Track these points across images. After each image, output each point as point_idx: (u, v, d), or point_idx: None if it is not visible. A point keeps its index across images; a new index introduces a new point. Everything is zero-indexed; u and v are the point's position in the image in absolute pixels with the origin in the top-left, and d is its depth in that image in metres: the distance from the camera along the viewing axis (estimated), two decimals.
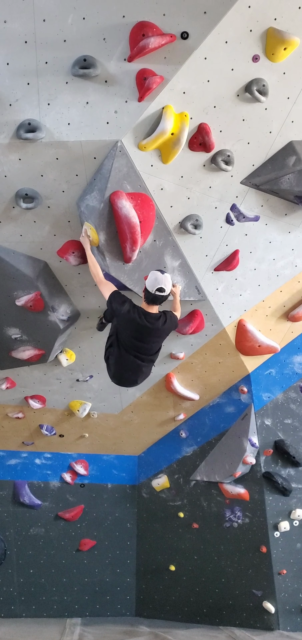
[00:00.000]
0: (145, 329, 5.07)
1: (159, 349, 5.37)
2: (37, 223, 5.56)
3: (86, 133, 4.92)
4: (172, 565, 8.41)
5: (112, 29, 4.58)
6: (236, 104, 5.03)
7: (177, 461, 8.32)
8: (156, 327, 5.11)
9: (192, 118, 5.02)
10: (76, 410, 7.74)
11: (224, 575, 8.04)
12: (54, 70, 4.70)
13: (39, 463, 8.46)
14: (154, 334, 5.15)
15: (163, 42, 4.57)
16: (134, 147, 5.04)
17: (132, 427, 8.15)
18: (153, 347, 5.26)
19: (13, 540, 8.46)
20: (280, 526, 7.60)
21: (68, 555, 8.59)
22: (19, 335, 6.43)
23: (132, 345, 5.14)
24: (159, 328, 5.13)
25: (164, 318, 5.19)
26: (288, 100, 5.07)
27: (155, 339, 5.21)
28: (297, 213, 5.86)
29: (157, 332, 5.14)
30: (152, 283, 4.98)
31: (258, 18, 4.61)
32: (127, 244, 5.32)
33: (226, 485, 7.85)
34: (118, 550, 8.66)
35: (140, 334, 5.10)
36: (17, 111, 4.82)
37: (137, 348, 5.16)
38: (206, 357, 7.18)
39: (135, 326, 5.06)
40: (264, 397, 7.55)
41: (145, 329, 5.07)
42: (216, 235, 5.86)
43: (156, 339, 5.22)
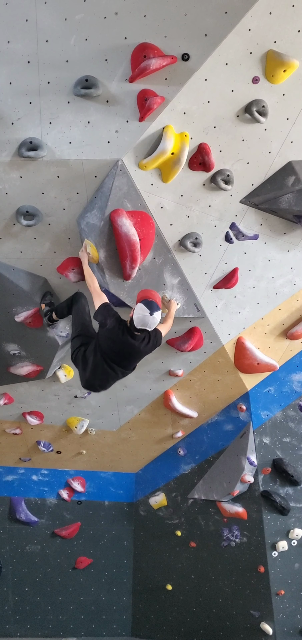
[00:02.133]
0: (127, 346, 5.10)
1: (135, 366, 5.44)
2: (37, 240, 5.59)
3: (87, 152, 4.96)
4: (169, 585, 8.35)
5: (114, 50, 4.64)
6: (236, 125, 5.09)
7: (175, 479, 8.29)
8: (138, 347, 5.14)
9: (193, 138, 5.07)
10: (74, 427, 7.73)
11: (222, 595, 7.98)
12: (56, 90, 4.75)
13: (36, 479, 8.42)
14: (135, 353, 5.19)
15: (164, 63, 4.63)
16: (134, 166, 5.08)
17: (130, 444, 8.13)
18: (131, 363, 5.31)
19: (9, 557, 8.40)
20: (278, 546, 7.56)
21: (64, 574, 8.53)
22: (18, 351, 6.44)
23: (111, 357, 5.16)
24: (140, 349, 5.17)
25: (148, 338, 5.21)
26: (287, 121, 5.13)
27: (135, 357, 5.25)
28: (296, 232, 5.91)
29: (138, 352, 5.19)
30: (139, 320, 4.95)
31: (258, 41, 4.67)
32: (127, 261, 5.36)
33: (224, 503, 7.83)
34: (114, 568, 8.60)
35: (122, 350, 5.13)
36: (19, 130, 4.86)
37: (116, 361, 5.19)
38: (205, 375, 7.19)
39: (118, 342, 5.08)
40: (263, 415, 7.54)
41: (127, 345, 5.10)
42: (215, 253, 5.90)
43: (135, 358, 5.26)
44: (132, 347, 5.11)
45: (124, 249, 5.30)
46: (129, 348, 5.12)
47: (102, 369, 5.22)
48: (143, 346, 5.17)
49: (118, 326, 5.08)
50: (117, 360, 5.18)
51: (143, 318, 4.93)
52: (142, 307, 4.95)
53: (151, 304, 4.96)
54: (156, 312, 4.96)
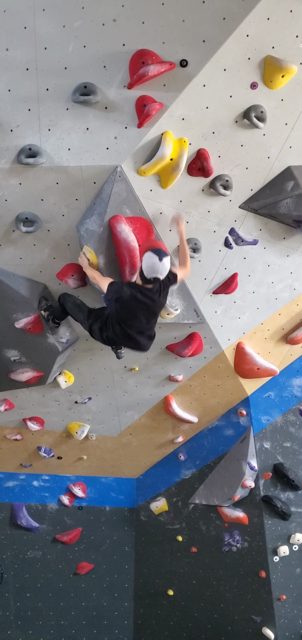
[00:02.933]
0: (146, 307, 5.13)
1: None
2: (37, 246, 5.60)
3: (86, 158, 4.98)
4: (171, 590, 8.34)
5: (113, 56, 4.65)
6: (235, 130, 5.09)
7: (176, 484, 8.28)
8: (155, 302, 5.18)
9: (191, 144, 5.08)
10: (74, 432, 7.73)
11: (223, 600, 7.97)
12: (55, 97, 4.76)
13: (37, 485, 8.41)
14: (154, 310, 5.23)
15: (162, 69, 4.64)
16: (133, 172, 5.09)
17: (131, 450, 8.13)
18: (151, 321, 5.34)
19: (10, 563, 8.40)
20: (279, 551, 7.55)
21: (65, 579, 8.52)
22: (18, 357, 6.45)
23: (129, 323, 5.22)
24: (155, 301, 5.18)
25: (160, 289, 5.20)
26: (286, 126, 5.14)
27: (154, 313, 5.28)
28: (296, 237, 5.91)
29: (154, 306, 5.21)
30: (149, 268, 4.96)
31: (256, 46, 4.68)
32: (126, 267, 5.37)
33: (224, 508, 7.81)
34: (116, 574, 8.59)
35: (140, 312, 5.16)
36: (18, 136, 4.88)
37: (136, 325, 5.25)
38: (205, 380, 7.19)
39: (137, 307, 5.11)
40: (263, 420, 7.53)
41: (146, 306, 5.13)
42: (215, 258, 5.90)
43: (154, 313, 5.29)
44: (150, 306, 5.16)
45: (123, 255, 5.31)
46: (148, 307, 5.15)
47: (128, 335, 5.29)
48: (157, 297, 5.18)
49: (133, 292, 5.07)
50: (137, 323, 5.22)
51: (153, 265, 4.93)
52: (151, 255, 4.95)
53: (159, 250, 4.96)
54: (165, 257, 4.95)
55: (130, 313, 5.17)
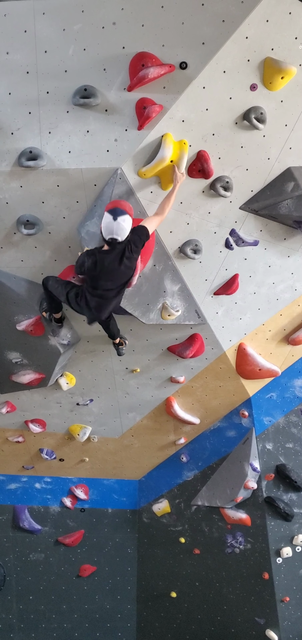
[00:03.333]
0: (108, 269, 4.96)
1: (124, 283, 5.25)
2: (38, 249, 5.62)
3: (87, 161, 5.00)
4: (174, 592, 8.33)
5: (112, 59, 4.68)
6: (235, 132, 5.11)
7: (178, 486, 8.27)
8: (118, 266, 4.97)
9: (191, 145, 5.09)
10: (76, 434, 7.74)
11: (226, 602, 7.96)
12: (55, 100, 4.80)
13: (39, 487, 8.41)
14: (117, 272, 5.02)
15: (162, 72, 4.67)
16: (133, 174, 5.11)
17: (133, 451, 8.13)
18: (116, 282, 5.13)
19: (12, 566, 8.40)
20: (282, 552, 7.54)
21: (68, 582, 8.52)
22: (20, 359, 6.46)
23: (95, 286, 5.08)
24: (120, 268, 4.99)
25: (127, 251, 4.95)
26: (286, 127, 5.15)
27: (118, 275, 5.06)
28: (296, 237, 5.91)
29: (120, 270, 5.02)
30: (104, 229, 4.78)
31: (255, 48, 4.70)
32: None
33: (227, 510, 7.81)
34: (119, 576, 8.58)
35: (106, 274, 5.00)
36: (19, 139, 4.91)
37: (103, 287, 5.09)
38: (207, 381, 7.19)
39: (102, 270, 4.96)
40: (265, 421, 7.53)
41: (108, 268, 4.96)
42: (216, 259, 5.91)
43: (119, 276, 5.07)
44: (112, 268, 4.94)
45: None
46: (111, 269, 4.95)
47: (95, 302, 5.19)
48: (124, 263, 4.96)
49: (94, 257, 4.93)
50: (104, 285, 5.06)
51: (107, 225, 4.73)
52: (106, 215, 4.76)
53: (115, 210, 4.73)
54: (120, 216, 4.70)
55: (93, 278, 5.02)
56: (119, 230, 4.75)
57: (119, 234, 4.77)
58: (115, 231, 4.74)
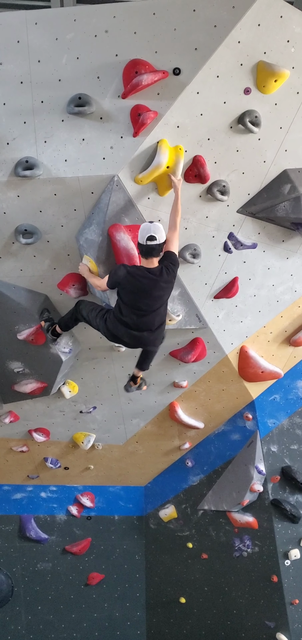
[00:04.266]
0: (147, 283, 4.90)
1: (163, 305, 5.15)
2: (37, 257, 5.64)
3: (83, 169, 5.02)
4: (183, 598, 8.31)
5: (106, 67, 4.71)
6: (230, 136, 5.12)
7: (184, 491, 8.26)
8: (157, 280, 4.91)
9: (187, 151, 5.11)
10: (80, 442, 7.74)
11: (236, 606, 7.93)
12: (50, 109, 4.82)
13: (45, 496, 8.42)
14: (157, 288, 4.93)
15: (156, 78, 4.69)
16: (130, 181, 5.12)
17: (138, 458, 8.13)
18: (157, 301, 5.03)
19: (20, 576, 8.40)
20: (290, 554, 7.52)
21: (76, 590, 8.50)
22: (22, 369, 6.48)
23: (134, 305, 4.97)
24: (159, 281, 4.92)
25: (164, 270, 4.94)
26: (281, 129, 5.16)
27: (157, 292, 4.97)
28: (295, 239, 5.91)
29: (158, 285, 4.93)
30: (142, 235, 4.85)
31: (248, 52, 4.72)
32: None
33: (234, 514, 7.79)
34: (127, 583, 8.57)
35: (143, 290, 4.92)
36: (15, 149, 4.93)
37: (140, 307, 4.98)
38: (210, 385, 7.18)
39: (137, 284, 4.89)
40: (270, 424, 7.51)
41: (147, 283, 4.89)
42: (215, 263, 5.91)
43: (158, 292, 4.98)
44: (152, 280, 4.89)
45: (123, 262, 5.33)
46: (149, 284, 4.89)
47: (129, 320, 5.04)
48: (161, 279, 4.92)
49: (131, 269, 4.94)
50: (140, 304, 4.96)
51: (144, 228, 4.84)
52: (143, 226, 4.90)
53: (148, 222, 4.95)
54: (155, 222, 4.90)
55: (130, 295, 4.96)
56: (156, 230, 4.83)
57: (157, 233, 4.83)
58: (153, 230, 4.82)
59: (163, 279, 4.93)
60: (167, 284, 5.00)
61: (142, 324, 5.07)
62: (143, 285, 4.90)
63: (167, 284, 5.00)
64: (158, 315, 5.13)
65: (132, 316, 5.03)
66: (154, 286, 4.92)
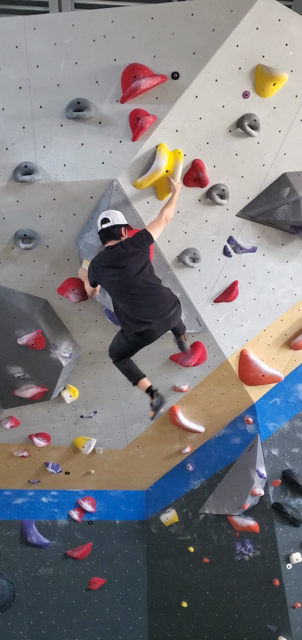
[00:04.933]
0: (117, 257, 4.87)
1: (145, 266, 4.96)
2: (36, 262, 5.64)
3: (82, 173, 5.02)
4: (184, 602, 8.30)
5: (104, 71, 4.72)
6: (229, 140, 5.12)
7: (185, 495, 8.25)
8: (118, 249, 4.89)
9: (186, 155, 5.10)
10: (81, 447, 7.73)
11: (238, 610, 7.91)
12: (49, 114, 4.83)
13: (46, 501, 8.41)
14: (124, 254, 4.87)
15: (154, 82, 4.70)
16: (129, 186, 5.12)
17: (139, 462, 8.12)
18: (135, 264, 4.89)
19: (22, 581, 8.39)
20: (292, 558, 7.50)
21: (78, 595, 8.49)
22: (22, 374, 6.48)
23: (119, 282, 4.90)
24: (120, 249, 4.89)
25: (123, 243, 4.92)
26: (280, 133, 5.16)
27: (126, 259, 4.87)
28: (294, 242, 5.90)
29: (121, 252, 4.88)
30: (98, 221, 4.95)
31: (246, 56, 4.73)
32: None
33: (235, 517, 7.77)
34: (129, 587, 8.55)
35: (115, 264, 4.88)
36: (14, 154, 4.93)
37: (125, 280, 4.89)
38: (210, 389, 7.17)
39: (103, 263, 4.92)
40: (270, 427, 7.50)
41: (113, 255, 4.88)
42: (214, 267, 5.91)
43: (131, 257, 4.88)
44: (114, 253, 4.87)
45: None
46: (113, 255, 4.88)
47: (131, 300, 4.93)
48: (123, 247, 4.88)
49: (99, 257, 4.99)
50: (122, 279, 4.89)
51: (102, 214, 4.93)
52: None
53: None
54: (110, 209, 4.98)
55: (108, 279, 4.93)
56: (109, 213, 4.91)
57: (110, 215, 4.90)
58: (107, 213, 4.91)
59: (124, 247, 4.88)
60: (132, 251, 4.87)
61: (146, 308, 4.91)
62: (108, 261, 4.90)
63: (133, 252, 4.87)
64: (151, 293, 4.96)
65: (130, 305, 4.93)
66: (118, 255, 4.87)
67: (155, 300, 4.95)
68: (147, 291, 4.93)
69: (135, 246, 4.90)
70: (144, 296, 4.92)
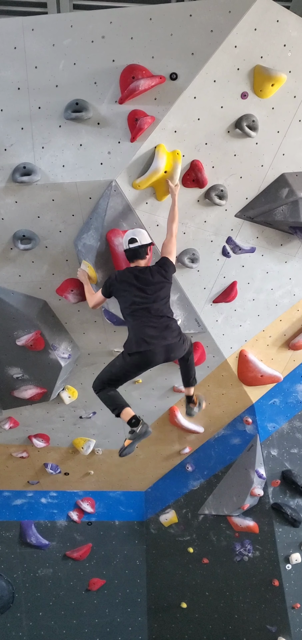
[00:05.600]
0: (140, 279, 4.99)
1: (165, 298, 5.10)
2: (35, 263, 5.64)
3: (81, 174, 5.02)
4: (184, 603, 8.30)
5: (103, 72, 4.72)
6: (227, 140, 5.12)
7: (185, 495, 8.25)
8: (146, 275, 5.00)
9: (185, 155, 5.10)
10: (80, 448, 7.73)
11: (237, 611, 7.90)
12: (47, 115, 4.83)
13: (45, 502, 8.41)
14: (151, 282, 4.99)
15: (153, 83, 4.70)
16: (128, 186, 5.12)
17: (138, 463, 8.11)
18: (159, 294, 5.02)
19: (21, 582, 8.38)
20: (291, 558, 7.50)
21: (77, 596, 8.49)
22: (21, 375, 6.47)
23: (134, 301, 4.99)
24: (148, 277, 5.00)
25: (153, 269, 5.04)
26: (278, 134, 5.16)
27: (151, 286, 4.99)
28: (293, 243, 5.90)
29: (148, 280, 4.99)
30: (125, 240, 5.06)
31: (245, 57, 4.73)
32: None
33: (234, 518, 7.77)
34: (128, 588, 8.55)
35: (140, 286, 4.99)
36: (12, 155, 4.93)
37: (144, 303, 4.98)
38: (209, 389, 7.17)
39: (127, 280, 4.99)
40: (269, 427, 7.50)
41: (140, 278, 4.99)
42: (213, 268, 5.91)
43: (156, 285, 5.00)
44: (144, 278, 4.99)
45: (121, 268, 5.33)
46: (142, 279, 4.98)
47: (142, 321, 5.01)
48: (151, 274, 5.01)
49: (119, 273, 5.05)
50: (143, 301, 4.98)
51: (127, 234, 5.04)
52: (126, 233, 5.10)
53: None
54: (137, 227, 5.09)
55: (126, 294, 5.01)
56: (137, 233, 5.02)
57: (138, 236, 5.01)
58: (134, 233, 5.02)
59: (152, 275, 5.02)
60: (159, 280, 5.03)
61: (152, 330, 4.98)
62: (133, 281, 4.99)
63: (159, 281, 5.03)
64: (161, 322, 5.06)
65: (142, 318, 5.00)
66: (145, 281, 4.99)
67: (162, 326, 5.05)
68: (159, 320, 5.05)
69: (162, 276, 5.07)
70: (156, 322, 5.04)
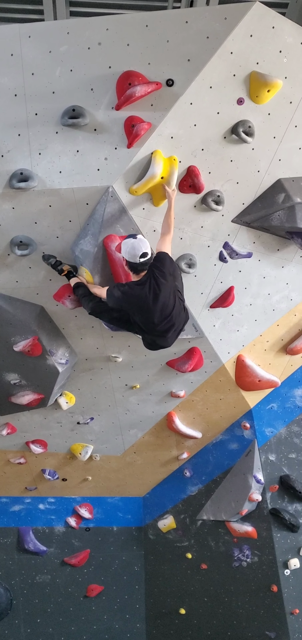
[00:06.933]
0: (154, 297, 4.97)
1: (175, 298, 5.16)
2: (32, 269, 5.65)
3: (78, 180, 5.04)
4: (182, 609, 8.27)
5: (99, 79, 4.74)
6: (224, 146, 5.14)
7: (183, 501, 8.23)
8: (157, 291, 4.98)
9: (181, 161, 5.13)
10: (78, 454, 7.72)
11: (236, 617, 7.89)
12: (44, 121, 4.85)
13: (43, 508, 8.39)
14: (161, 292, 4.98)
15: (149, 89, 4.72)
16: (125, 192, 5.14)
17: (136, 468, 8.11)
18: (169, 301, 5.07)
19: (19, 588, 8.36)
20: (290, 564, 7.49)
21: (76, 602, 8.46)
22: (18, 381, 6.47)
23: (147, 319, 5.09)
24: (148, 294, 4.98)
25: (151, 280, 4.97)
26: (274, 139, 5.19)
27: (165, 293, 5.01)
28: (290, 248, 5.92)
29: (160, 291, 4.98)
30: (132, 253, 4.88)
31: (241, 63, 4.75)
32: None
33: (233, 523, 7.76)
34: (126, 594, 8.53)
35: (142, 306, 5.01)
36: (9, 162, 4.95)
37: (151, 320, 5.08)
38: (207, 394, 7.17)
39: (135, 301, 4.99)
40: (267, 432, 7.50)
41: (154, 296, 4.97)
42: (210, 273, 5.92)
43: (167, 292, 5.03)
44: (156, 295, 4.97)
45: (118, 273, 5.35)
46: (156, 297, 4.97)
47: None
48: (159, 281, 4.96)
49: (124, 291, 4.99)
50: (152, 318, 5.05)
51: (132, 247, 4.86)
52: (125, 242, 4.91)
53: (128, 235, 4.99)
54: (137, 234, 4.98)
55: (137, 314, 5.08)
56: (143, 243, 4.90)
57: (146, 247, 4.91)
58: (141, 246, 4.88)
59: (157, 282, 4.96)
60: (161, 282, 4.99)
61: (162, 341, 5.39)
62: (141, 302, 4.98)
63: (162, 282, 4.99)
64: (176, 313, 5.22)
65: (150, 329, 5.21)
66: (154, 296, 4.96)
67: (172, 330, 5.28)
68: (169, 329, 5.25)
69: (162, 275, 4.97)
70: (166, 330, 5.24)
